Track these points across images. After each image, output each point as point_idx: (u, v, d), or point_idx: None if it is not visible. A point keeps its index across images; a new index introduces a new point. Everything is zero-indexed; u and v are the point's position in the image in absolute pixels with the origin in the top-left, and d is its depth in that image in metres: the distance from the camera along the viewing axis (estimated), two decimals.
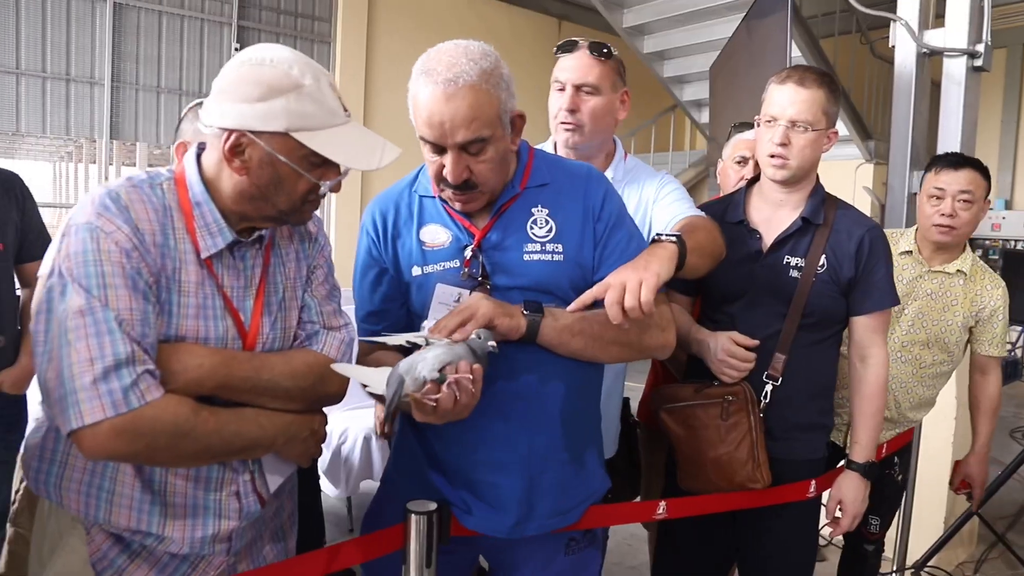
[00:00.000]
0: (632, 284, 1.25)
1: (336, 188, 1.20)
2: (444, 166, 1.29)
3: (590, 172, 1.46)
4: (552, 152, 1.85)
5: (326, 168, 1.17)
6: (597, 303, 1.38)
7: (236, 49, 6.24)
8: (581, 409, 1.43)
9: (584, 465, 1.44)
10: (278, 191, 1.15)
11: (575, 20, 8.85)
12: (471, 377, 1.16)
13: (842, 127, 5.66)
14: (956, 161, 2.30)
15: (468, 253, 1.35)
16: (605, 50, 1.77)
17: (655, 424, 1.93)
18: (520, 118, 1.36)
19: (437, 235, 1.39)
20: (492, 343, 1.22)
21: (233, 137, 1.12)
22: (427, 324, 1.34)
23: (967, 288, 2.31)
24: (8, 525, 1.90)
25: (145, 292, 1.08)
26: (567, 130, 1.78)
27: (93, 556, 1.15)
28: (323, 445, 3.34)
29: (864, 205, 5.15)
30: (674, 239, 1.40)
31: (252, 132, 1.11)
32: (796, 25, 4.83)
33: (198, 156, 1.20)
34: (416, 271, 1.38)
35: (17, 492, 1.87)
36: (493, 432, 1.34)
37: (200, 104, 1.63)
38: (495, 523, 1.37)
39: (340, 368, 1.25)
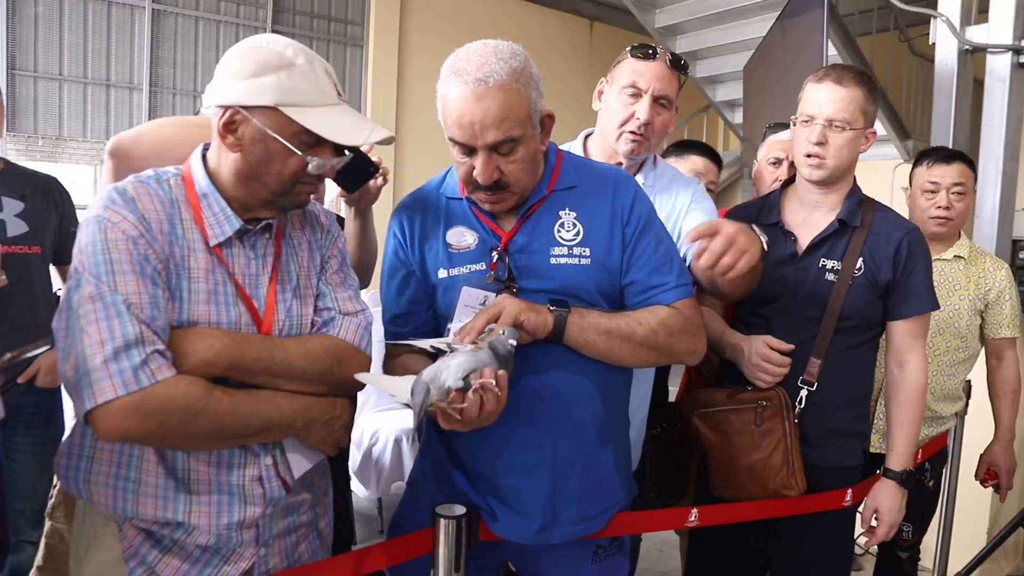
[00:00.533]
0: (738, 246, 1.29)
1: (328, 172, 1.22)
2: (474, 167, 1.28)
3: (618, 175, 1.44)
4: (580, 153, 1.82)
5: (318, 148, 1.18)
6: (627, 306, 1.38)
7: None
8: (607, 414, 1.40)
9: (610, 471, 1.42)
10: (268, 169, 1.17)
11: (607, 21, 8.82)
12: (495, 384, 1.15)
13: (880, 127, 5.55)
14: (947, 155, 2.39)
15: (494, 256, 1.34)
16: (683, 63, 1.75)
17: (687, 429, 1.91)
18: (549, 118, 1.35)
19: (463, 237, 1.38)
20: (512, 341, 1.20)
21: (227, 114, 1.15)
22: (452, 327, 1.34)
23: (968, 271, 2.37)
24: (46, 519, 1.94)
25: (153, 277, 1.11)
26: (635, 141, 1.71)
27: (125, 552, 1.17)
28: (355, 446, 3.33)
29: (902, 206, 5.04)
30: (765, 248, 1.42)
31: (244, 107, 1.14)
32: (832, 23, 4.74)
33: (203, 155, 1.24)
34: (442, 273, 1.38)
35: (55, 487, 1.91)
36: (517, 436, 1.33)
37: None
38: (520, 529, 1.36)
39: (364, 378, 1.25)
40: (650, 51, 1.72)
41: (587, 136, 1.86)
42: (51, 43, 5.86)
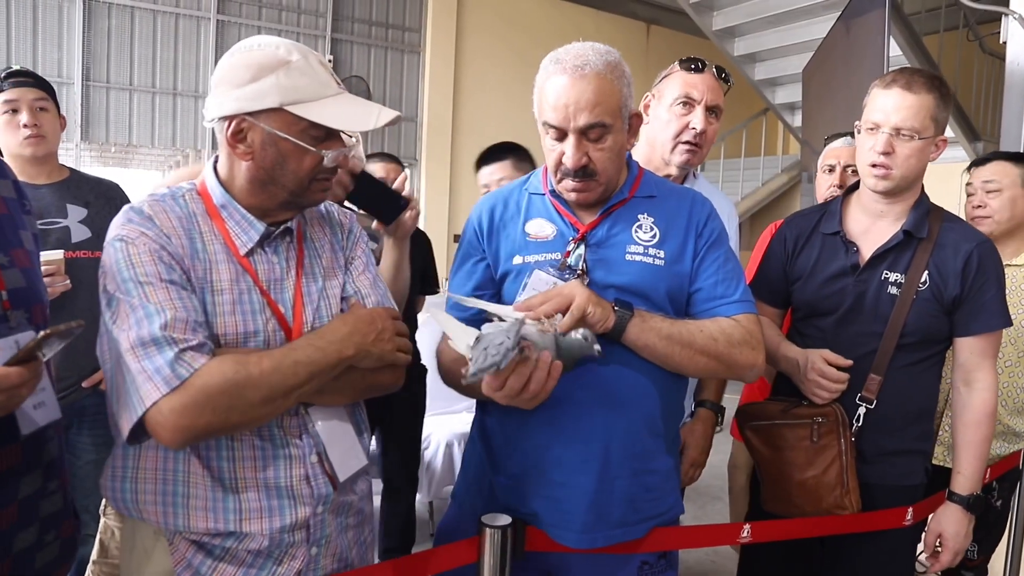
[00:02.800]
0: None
1: (343, 162, 1.22)
2: (564, 153, 1.34)
3: (696, 194, 1.49)
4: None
5: (329, 141, 1.19)
6: (692, 314, 1.39)
7: (329, 61, 6.46)
8: (663, 422, 1.39)
9: (658, 481, 1.40)
10: (284, 170, 1.18)
11: (664, 24, 8.74)
12: (548, 367, 1.16)
13: (947, 128, 5.36)
14: (984, 159, 2.45)
15: (571, 245, 1.37)
16: (726, 75, 1.80)
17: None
18: (637, 117, 1.40)
19: (542, 228, 1.42)
20: (598, 347, 1.20)
21: (233, 123, 1.15)
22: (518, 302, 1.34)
23: None
24: (100, 515, 2.00)
25: (181, 282, 1.12)
26: (690, 151, 1.78)
27: (178, 565, 1.17)
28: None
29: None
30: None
31: (249, 114, 1.15)
32: (896, 22, 4.60)
33: (214, 166, 1.25)
34: (517, 260, 1.40)
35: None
36: (571, 429, 1.33)
37: None
38: (564, 528, 1.35)
39: (433, 313, 1.25)
40: (699, 64, 1.77)
41: None
42: (122, 55, 6.10)
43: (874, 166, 1.63)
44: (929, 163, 1.69)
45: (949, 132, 5.43)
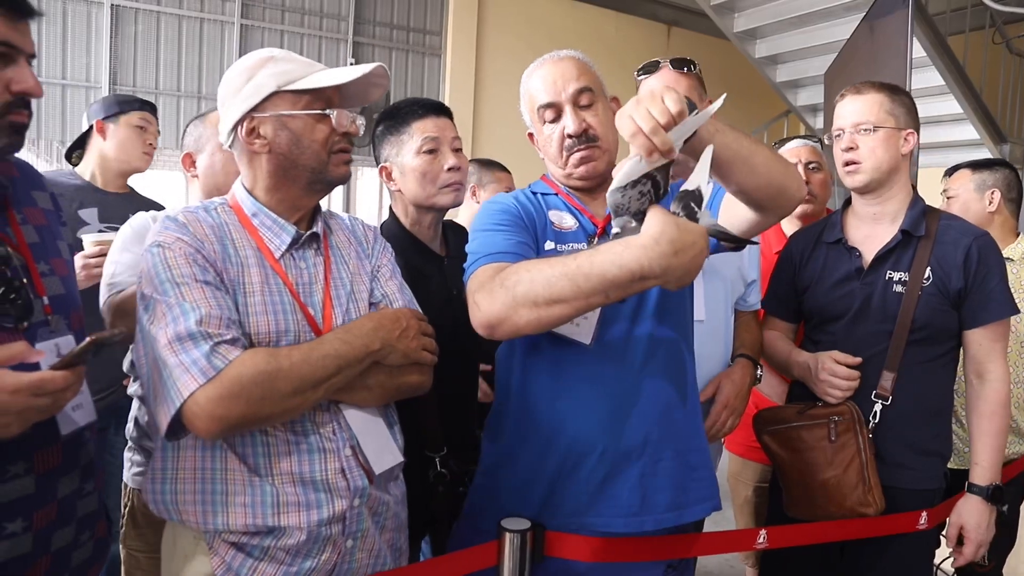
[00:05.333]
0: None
1: (353, 128, 1.29)
2: (565, 126, 1.43)
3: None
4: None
5: (332, 109, 1.27)
6: None
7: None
8: (691, 396, 1.46)
9: (700, 459, 1.45)
10: (301, 147, 1.26)
11: (684, 25, 8.70)
12: None
13: (972, 130, 5.30)
14: (952, 168, 2.53)
15: (595, 240, 1.41)
16: (689, 64, 1.84)
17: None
18: (615, 101, 1.49)
19: (564, 219, 1.47)
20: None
21: (245, 123, 1.24)
22: None
23: (1021, 274, 2.33)
24: (120, 547, 2.02)
25: (215, 283, 1.18)
26: None
27: (218, 568, 1.20)
28: None
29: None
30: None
31: (255, 109, 1.24)
32: (920, 22, 4.55)
33: (242, 182, 1.33)
34: (549, 245, 1.44)
35: (123, 516, 1.98)
36: (612, 416, 1.36)
37: (199, 117, 1.82)
38: (610, 516, 1.37)
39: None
40: (651, 66, 1.86)
41: None
42: (148, 60, 6.18)
43: (846, 165, 1.73)
44: (954, 161, 1.75)
45: (974, 134, 5.37)
